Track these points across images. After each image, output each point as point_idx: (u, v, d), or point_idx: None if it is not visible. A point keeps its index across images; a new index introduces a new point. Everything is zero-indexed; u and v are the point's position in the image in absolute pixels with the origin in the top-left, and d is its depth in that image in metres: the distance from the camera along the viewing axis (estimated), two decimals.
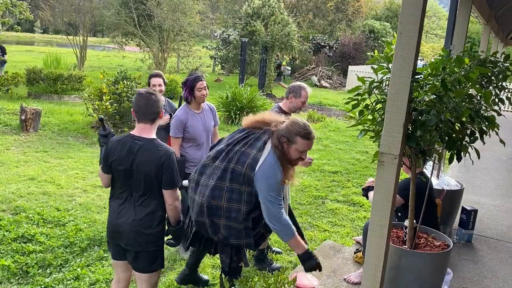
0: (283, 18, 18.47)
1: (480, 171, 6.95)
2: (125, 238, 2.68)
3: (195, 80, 3.89)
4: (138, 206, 2.67)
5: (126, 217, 2.67)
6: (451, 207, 4.20)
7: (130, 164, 2.62)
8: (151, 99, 2.64)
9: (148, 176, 2.60)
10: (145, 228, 2.65)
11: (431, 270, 2.71)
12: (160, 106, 2.69)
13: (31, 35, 46.83)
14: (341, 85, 23.16)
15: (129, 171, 2.63)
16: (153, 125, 2.68)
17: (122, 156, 2.64)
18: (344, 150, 9.16)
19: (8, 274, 3.64)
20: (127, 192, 2.70)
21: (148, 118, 2.65)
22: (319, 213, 5.57)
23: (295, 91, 3.95)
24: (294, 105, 3.97)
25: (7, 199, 5.17)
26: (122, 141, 2.68)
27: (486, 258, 3.93)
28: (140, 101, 2.65)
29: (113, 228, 2.72)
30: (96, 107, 8.64)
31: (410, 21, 2.25)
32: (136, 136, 2.66)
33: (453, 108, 2.43)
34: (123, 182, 2.69)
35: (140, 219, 2.65)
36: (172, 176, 2.63)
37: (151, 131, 2.67)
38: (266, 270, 3.99)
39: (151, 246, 2.70)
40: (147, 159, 2.60)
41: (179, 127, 3.90)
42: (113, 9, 18.40)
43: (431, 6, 52.60)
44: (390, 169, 2.37)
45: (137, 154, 2.61)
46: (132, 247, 2.69)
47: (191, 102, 3.96)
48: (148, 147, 2.62)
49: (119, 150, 2.65)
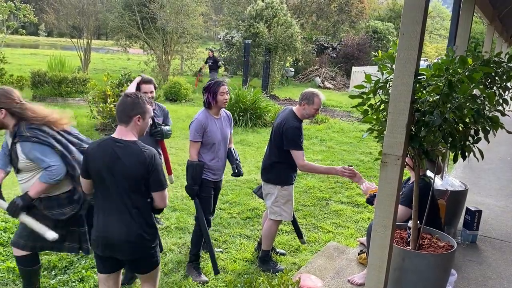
0: (286, 20, 18.48)
1: (484, 172, 6.92)
2: (120, 251, 2.58)
3: (218, 84, 3.84)
4: (127, 214, 2.55)
5: (117, 228, 2.55)
6: (455, 208, 4.18)
7: (112, 169, 2.50)
8: (126, 101, 2.58)
9: (134, 180, 2.51)
10: (138, 237, 2.56)
11: (435, 271, 2.70)
12: (138, 109, 2.57)
13: (36, 38, 47.09)
14: (344, 86, 23.14)
15: (112, 176, 2.51)
16: (128, 127, 2.56)
17: (105, 161, 2.51)
18: (348, 151, 9.15)
19: (14, 276, 3.66)
20: (113, 200, 2.56)
21: (122, 120, 2.57)
22: (323, 215, 5.57)
23: (308, 98, 3.90)
24: (307, 112, 3.92)
25: None
26: (102, 145, 2.56)
27: (491, 259, 3.91)
28: (118, 102, 2.63)
29: (104, 241, 2.59)
30: (101, 109, 8.68)
31: (412, 22, 2.25)
32: (117, 139, 2.55)
33: (457, 108, 2.42)
34: (107, 189, 2.55)
35: (131, 228, 2.54)
36: (159, 178, 2.57)
37: (129, 134, 2.57)
38: (270, 271, 3.99)
39: (147, 250, 2.65)
40: (131, 162, 2.50)
41: (199, 131, 3.77)
42: (117, 12, 18.46)
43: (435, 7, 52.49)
44: (393, 169, 2.37)
45: (120, 158, 2.50)
46: (131, 257, 2.62)
47: (212, 107, 3.87)
48: (131, 150, 2.52)
49: (100, 154, 2.53)
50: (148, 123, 2.69)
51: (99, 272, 2.74)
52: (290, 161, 3.89)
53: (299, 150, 3.82)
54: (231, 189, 6.23)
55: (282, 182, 3.94)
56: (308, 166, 3.91)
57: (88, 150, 2.63)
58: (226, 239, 4.65)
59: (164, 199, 2.64)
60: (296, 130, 3.82)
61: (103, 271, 2.72)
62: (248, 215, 5.33)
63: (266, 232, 4.07)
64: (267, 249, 4.11)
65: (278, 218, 4.00)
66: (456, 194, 4.19)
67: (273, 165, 3.96)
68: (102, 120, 8.98)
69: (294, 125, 3.84)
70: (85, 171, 2.62)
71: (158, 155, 2.62)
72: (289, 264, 4.23)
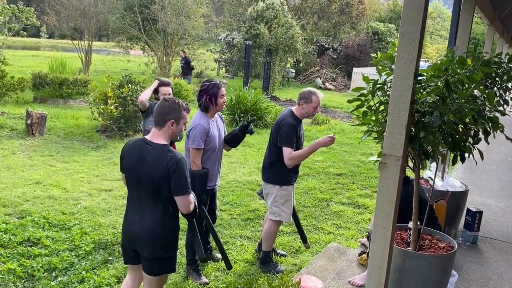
0: (286, 21, 18.49)
1: (485, 173, 6.91)
2: (139, 244, 2.69)
3: (218, 87, 3.70)
4: (149, 213, 2.65)
5: (139, 224, 2.67)
6: (456, 208, 4.18)
7: (139, 169, 2.62)
8: (163, 105, 2.69)
9: (156, 182, 2.58)
10: (156, 236, 2.64)
11: (436, 272, 2.70)
12: (174, 114, 2.68)
13: (37, 40, 47.16)
14: (345, 87, 23.12)
15: (138, 176, 2.64)
16: (161, 130, 2.67)
17: (133, 160, 2.66)
18: (349, 152, 9.15)
19: (14, 278, 3.66)
20: (138, 198, 2.69)
21: (158, 123, 2.68)
22: (324, 216, 5.56)
23: (305, 97, 3.89)
24: (306, 111, 3.91)
25: (13, 203, 5.21)
26: (134, 144, 2.72)
27: (492, 260, 3.91)
28: (156, 105, 2.75)
29: (127, 234, 2.76)
30: (101, 111, 8.69)
31: (412, 22, 2.25)
32: (148, 140, 2.68)
33: (456, 109, 2.42)
34: (134, 187, 2.70)
35: (151, 226, 2.64)
36: (180, 182, 2.59)
37: (162, 137, 2.67)
38: (271, 272, 3.99)
39: (163, 253, 2.70)
40: (154, 164, 2.58)
41: (203, 137, 3.60)
42: (118, 14, 18.49)
43: (436, 8, 52.46)
44: (393, 170, 2.37)
45: (146, 159, 2.61)
46: (146, 254, 2.69)
47: (210, 110, 3.73)
48: (156, 153, 2.61)
49: (130, 154, 2.68)
50: (182, 128, 2.77)
51: (125, 262, 2.93)
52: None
53: (290, 148, 3.79)
54: (232, 190, 6.22)
55: (281, 182, 3.93)
56: (294, 156, 3.80)
57: (124, 147, 2.79)
58: (227, 240, 4.65)
59: (186, 205, 2.64)
60: (290, 127, 3.81)
61: (126, 261, 2.90)
62: (248, 216, 5.33)
63: (266, 233, 4.06)
64: (267, 250, 4.11)
65: (277, 218, 4.00)
66: (457, 195, 4.18)
67: (272, 164, 3.95)
68: (103, 121, 8.99)
69: (289, 122, 3.83)
70: (120, 167, 2.81)
71: (183, 161, 2.62)
72: (289, 265, 4.22)
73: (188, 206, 2.64)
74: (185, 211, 2.66)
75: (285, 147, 3.79)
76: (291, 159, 3.79)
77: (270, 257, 4.15)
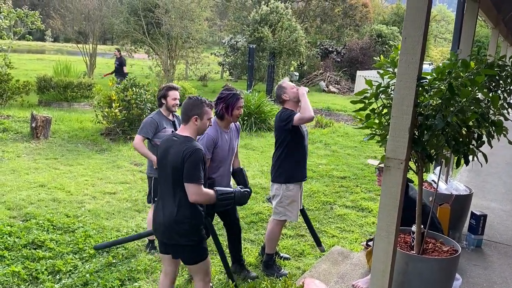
0: (290, 24, 18.52)
1: (490, 176, 6.87)
2: (161, 232, 2.87)
3: (236, 97, 3.62)
4: (169, 201, 2.82)
5: (161, 212, 2.86)
6: (460, 212, 4.16)
7: (165, 159, 2.82)
8: (187, 103, 2.91)
9: (175, 170, 2.75)
10: (175, 223, 2.80)
11: (439, 276, 2.69)
12: (197, 110, 2.87)
13: (42, 43, 47.47)
14: (349, 90, 23.10)
15: (165, 166, 2.83)
16: (187, 125, 2.88)
17: (162, 152, 2.88)
18: (353, 155, 9.13)
19: (18, 280, 3.68)
20: (164, 187, 2.89)
21: (183, 118, 2.90)
22: (328, 219, 5.55)
23: (280, 89, 3.98)
24: (290, 97, 3.94)
25: (17, 205, 5.23)
26: (165, 139, 2.96)
27: (496, 263, 3.88)
28: (182, 103, 2.97)
29: (153, 222, 2.97)
30: (106, 114, 8.73)
31: (414, 26, 2.25)
32: (175, 133, 2.94)
33: (459, 112, 2.41)
34: (162, 177, 2.90)
35: (170, 213, 2.81)
36: (189, 170, 2.73)
37: (185, 130, 2.88)
38: (274, 276, 3.98)
39: (183, 240, 2.82)
40: (174, 153, 2.77)
41: (210, 148, 3.55)
42: (122, 17, 18.57)
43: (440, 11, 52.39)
44: (396, 174, 2.36)
45: (171, 150, 2.81)
46: (167, 241, 2.86)
47: (224, 119, 3.66)
48: (178, 143, 2.80)
49: (162, 147, 2.93)
50: (206, 124, 2.96)
51: (159, 251, 3.09)
52: (295, 156, 3.93)
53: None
54: None
55: (288, 179, 3.94)
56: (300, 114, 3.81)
57: (160, 143, 3.03)
58: None
59: (194, 193, 2.76)
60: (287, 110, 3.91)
61: (159, 250, 3.06)
62: (252, 219, 5.33)
63: (270, 233, 4.07)
64: (270, 252, 4.11)
65: (282, 218, 4.01)
66: (461, 198, 4.16)
67: (278, 162, 3.99)
68: (107, 124, 9.03)
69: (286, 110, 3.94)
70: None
71: (200, 152, 2.78)
72: (293, 269, 4.21)
73: (194, 195, 2.76)
74: (193, 199, 2.77)
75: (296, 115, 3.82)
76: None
77: (274, 260, 4.15)
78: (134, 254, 4.31)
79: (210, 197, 2.87)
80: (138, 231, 4.81)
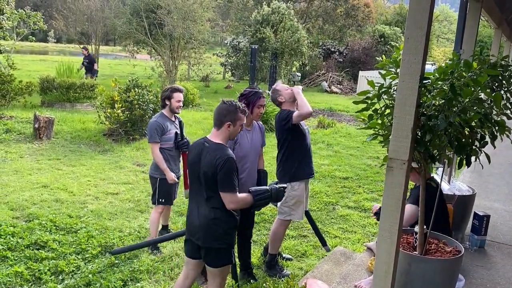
0: (292, 25, 18.51)
1: (493, 176, 6.85)
2: (196, 234, 2.89)
3: (257, 95, 3.73)
4: (204, 205, 2.85)
5: (196, 215, 2.89)
6: (463, 212, 4.14)
7: (198, 164, 2.85)
8: (222, 107, 2.90)
9: (209, 176, 2.78)
10: (211, 225, 2.82)
11: (442, 277, 2.68)
12: (231, 116, 2.86)
13: (45, 44, 47.51)
14: (351, 90, 23.08)
15: (198, 171, 2.85)
16: (219, 130, 2.88)
17: (194, 156, 2.90)
18: (355, 155, 9.12)
19: (21, 281, 3.69)
20: (197, 191, 2.90)
21: (216, 123, 2.91)
22: (330, 219, 5.55)
23: (276, 92, 4.03)
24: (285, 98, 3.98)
25: (20, 206, 5.25)
26: (197, 142, 2.98)
27: (499, 264, 3.87)
28: (216, 107, 2.96)
29: (187, 225, 2.99)
30: (108, 115, 8.74)
31: (417, 26, 2.24)
32: (207, 139, 2.92)
33: (462, 112, 2.41)
34: (194, 181, 2.92)
35: (205, 217, 2.84)
36: (224, 180, 2.75)
37: (218, 136, 2.89)
38: (277, 276, 3.98)
39: (217, 243, 2.85)
40: (207, 160, 2.79)
41: (230, 145, 3.48)
42: (125, 18, 18.60)
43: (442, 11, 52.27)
44: (399, 174, 2.36)
45: (203, 155, 2.83)
46: (201, 243, 2.87)
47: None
48: (210, 150, 2.81)
49: (193, 151, 2.95)
50: (238, 129, 2.97)
51: (186, 254, 3.09)
52: (296, 154, 3.94)
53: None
54: None
55: (291, 178, 3.95)
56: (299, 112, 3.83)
57: (190, 145, 3.10)
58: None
59: (230, 202, 2.80)
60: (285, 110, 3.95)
61: (186, 254, 3.07)
62: (254, 220, 5.32)
63: (273, 234, 4.08)
64: (274, 252, 4.11)
65: (287, 218, 4.02)
66: (464, 198, 4.15)
67: (281, 163, 4.02)
68: (109, 125, 9.04)
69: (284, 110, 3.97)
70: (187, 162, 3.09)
71: (232, 160, 2.79)
72: (295, 269, 4.21)
73: (231, 203, 2.80)
74: (229, 207, 2.81)
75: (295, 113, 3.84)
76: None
77: (276, 261, 4.14)
78: (136, 254, 4.31)
79: (246, 201, 2.89)
80: (140, 231, 4.81)
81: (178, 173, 4.48)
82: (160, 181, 4.32)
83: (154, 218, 4.42)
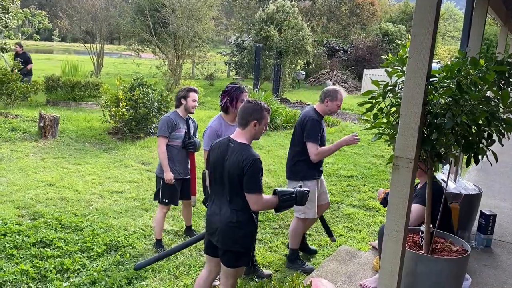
0: (297, 23, 18.46)
1: (499, 175, 6.81)
2: (216, 235, 2.87)
3: (240, 90, 3.76)
4: (226, 205, 2.82)
5: (217, 215, 2.86)
6: (469, 211, 4.12)
7: (221, 164, 2.82)
8: (247, 106, 2.88)
9: (234, 177, 2.75)
10: (231, 228, 2.80)
11: (449, 276, 2.67)
12: (257, 115, 2.83)
13: (50, 43, 47.76)
14: (356, 89, 23.01)
15: (221, 171, 2.83)
16: (244, 130, 2.86)
17: (217, 156, 2.87)
18: (360, 154, 9.09)
19: (27, 279, 3.70)
20: (220, 191, 2.88)
21: (241, 123, 2.87)
22: (335, 218, 5.53)
23: (331, 94, 3.98)
24: (329, 108, 4.02)
25: (26, 204, 5.27)
26: (220, 142, 2.94)
27: (506, 263, 3.85)
28: (240, 107, 2.93)
29: (208, 224, 2.96)
30: (113, 113, 8.76)
31: (424, 24, 2.22)
32: (231, 139, 2.88)
33: (469, 111, 2.39)
34: (217, 181, 2.89)
35: (227, 219, 2.80)
36: (250, 181, 2.73)
37: (244, 136, 2.86)
38: (299, 270, 4.02)
39: (236, 246, 2.83)
40: (232, 161, 2.76)
41: (214, 139, 3.47)
42: (129, 17, 18.62)
43: (448, 8, 52.04)
44: (405, 173, 2.35)
45: (227, 156, 2.80)
46: (220, 244, 2.85)
47: (230, 112, 3.79)
48: (236, 151, 2.78)
49: (216, 150, 2.91)
50: (263, 129, 2.93)
51: (205, 252, 3.10)
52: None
53: (315, 143, 3.89)
54: None
55: (304, 177, 3.98)
56: (321, 152, 3.95)
57: (212, 144, 3.03)
58: None
59: (255, 203, 2.78)
60: (315, 122, 3.92)
61: (204, 251, 3.09)
62: (258, 218, 5.31)
63: (292, 231, 4.16)
64: (294, 247, 4.18)
65: (302, 216, 4.07)
66: (470, 197, 4.13)
67: (296, 163, 4.03)
68: (114, 124, 9.06)
69: (313, 117, 3.94)
70: (207, 162, 3.08)
71: (258, 161, 2.76)
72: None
73: (256, 205, 2.78)
74: (254, 208, 2.80)
75: (311, 143, 3.89)
76: (318, 154, 3.91)
77: (297, 255, 4.21)
78: (141, 253, 4.32)
79: (271, 203, 2.89)
80: (145, 230, 4.82)
81: (181, 175, 4.45)
82: (164, 181, 4.32)
83: (158, 218, 4.43)
